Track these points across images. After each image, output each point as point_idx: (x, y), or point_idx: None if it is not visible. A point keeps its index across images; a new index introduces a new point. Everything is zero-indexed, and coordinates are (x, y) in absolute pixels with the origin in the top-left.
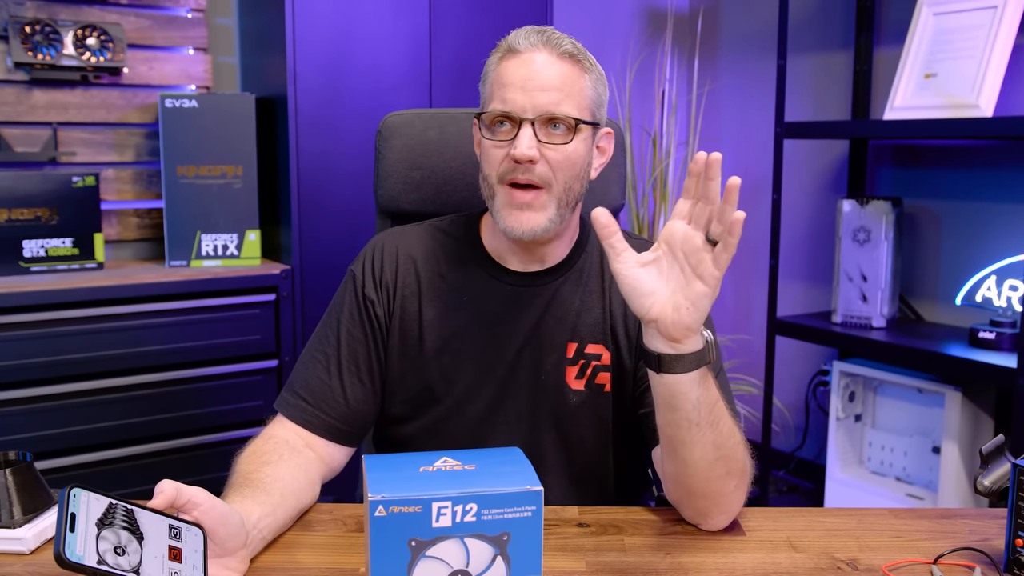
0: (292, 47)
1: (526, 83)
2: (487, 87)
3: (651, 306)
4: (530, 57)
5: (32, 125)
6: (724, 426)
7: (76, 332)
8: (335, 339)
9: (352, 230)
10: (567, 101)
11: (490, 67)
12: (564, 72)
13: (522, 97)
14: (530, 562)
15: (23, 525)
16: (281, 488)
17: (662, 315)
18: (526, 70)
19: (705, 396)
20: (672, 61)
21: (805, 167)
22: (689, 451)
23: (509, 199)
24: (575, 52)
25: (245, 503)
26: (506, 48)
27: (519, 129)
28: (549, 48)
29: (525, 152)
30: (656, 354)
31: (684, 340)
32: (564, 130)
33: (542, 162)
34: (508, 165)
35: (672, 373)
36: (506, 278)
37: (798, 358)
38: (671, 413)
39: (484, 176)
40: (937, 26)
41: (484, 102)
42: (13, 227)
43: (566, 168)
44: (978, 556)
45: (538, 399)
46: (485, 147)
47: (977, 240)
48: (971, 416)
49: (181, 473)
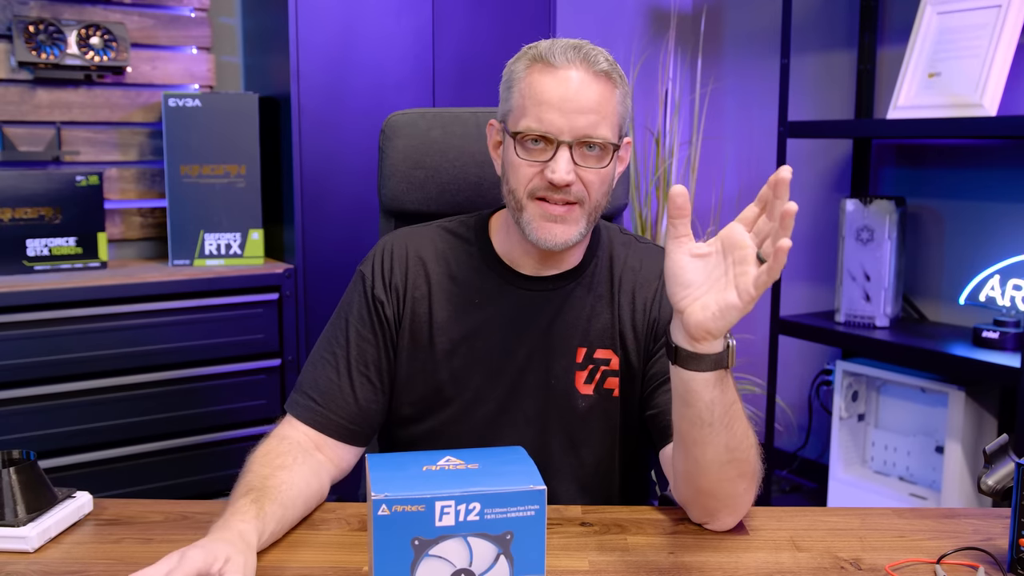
0: (295, 46)
1: (564, 104)
2: (516, 97)
3: (683, 297)
4: (566, 75)
5: (36, 124)
6: (739, 429)
7: (79, 331)
8: (344, 339)
9: (355, 229)
10: (603, 123)
11: (517, 75)
12: (600, 92)
13: (560, 119)
14: (533, 561)
15: (27, 524)
16: (294, 496)
17: (690, 310)
18: (563, 89)
19: (720, 398)
20: (675, 60)
21: (809, 166)
22: (702, 451)
23: (542, 211)
24: (609, 69)
25: (264, 520)
26: (537, 58)
27: (556, 151)
28: (586, 66)
29: (564, 177)
30: (675, 346)
31: (703, 342)
32: (600, 152)
33: (577, 183)
34: (540, 183)
35: (686, 369)
36: (518, 282)
37: (801, 357)
38: (684, 408)
39: (511, 190)
40: (941, 25)
41: (512, 113)
42: (17, 226)
43: (599, 188)
44: (982, 556)
45: (547, 403)
46: (515, 163)
47: (981, 240)
48: (974, 416)
49: (184, 472)
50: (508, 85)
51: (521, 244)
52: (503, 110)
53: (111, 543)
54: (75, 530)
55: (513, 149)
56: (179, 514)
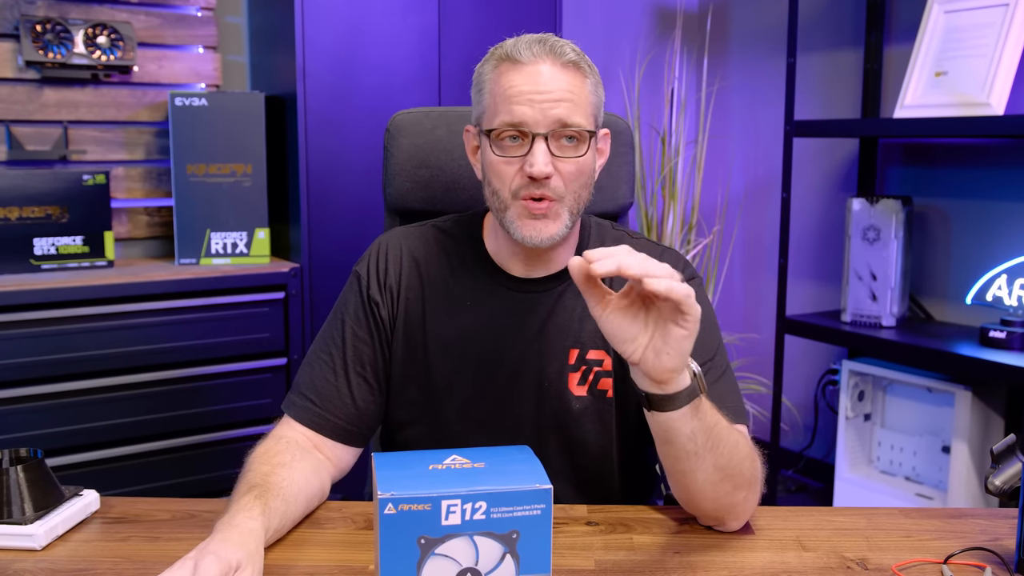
0: (301, 45)
1: (535, 96)
2: (486, 98)
3: (633, 351)
4: (535, 69)
5: (43, 123)
6: (725, 446)
7: (86, 330)
8: (340, 340)
9: (361, 228)
10: (577, 111)
11: (485, 77)
12: (570, 82)
13: (532, 111)
14: (539, 560)
15: (34, 521)
16: (296, 493)
17: (643, 359)
18: (533, 82)
19: (700, 426)
20: (681, 59)
21: (815, 165)
22: (691, 478)
23: (526, 211)
24: (577, 59)
25: (269, 516)
26: (504, 57)
27: (532, 144)
28: (553, 57)
29: (542, 169)
30: (645, 393)
31: (669, 381)
32: (576, 142)
33: (556, 175)
34: (521, 181)
35: (663, 411)
36: (509, 284)
37: (807, 357)
38: (666, 446)
39: (494, 191)
40: (948, 24)
41: (485, 115)
42: (24, 225)
43: (578, 178)
44: (989, 556)
45: (541, 406)
46: (494, 163)
47: (988, 239)
48: (981, 416)
49: (190, 470)
50: (479, 88)
51: (509, 246)
52: (476, 113)
53: (118, 541)
54: (82, 528)
55: (490, 149)
56: (186, 512)
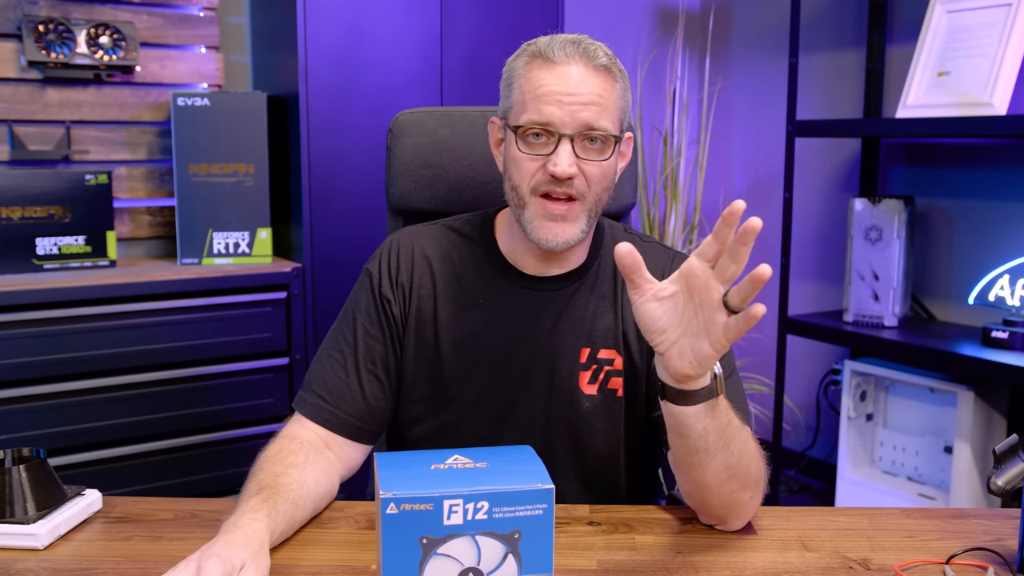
0: (303, 45)
1: (565, 97)
2: (516, 93)
3: (660, 343)
4: (566, 70)
5: (45, 123)
6: (736, 446)
7: (88, 330)
8: (352, 337)
9: (363, 228)
10: (604, 116)
11: (516, 71)
12: (600, 86)
13: (561, 112)
14: (541, 560)
15: (37, 521)
16: (305, 495)
17: (668, 355)
18: (564, 83)
19: (713, 425)
20: (683, 59)
21: (817, 165)
22: (700, 474)
23: (544, 211)
24: (609, 63)
25: (276, 519)
26: (537, 54)
27: (557, 144)
28: (585, 60)
29: (566, 170)
30: (662, 383)
31: (687, 383)
32: (601, 145)
33: (579, 176)
34: (542, 178)
35: (676, 404)
36: (522, 282)
37: (809, 357)
38: (678, 439)
39: (514, 186)
40: (950, 24)
41: (513, 109)
42: (26, 225)
43: (600, 181)
44: (991, 556)
45: (551, 404)
46: (517, 158)
47: (990, 239)
48: (983, 416)
49: (192, 470)
50: (508, 82)
51: (524, 243)
52: (504, 107)
53: (120, 541)
54: (84, 528)
55: (515, 144)
56: (188, 512)
